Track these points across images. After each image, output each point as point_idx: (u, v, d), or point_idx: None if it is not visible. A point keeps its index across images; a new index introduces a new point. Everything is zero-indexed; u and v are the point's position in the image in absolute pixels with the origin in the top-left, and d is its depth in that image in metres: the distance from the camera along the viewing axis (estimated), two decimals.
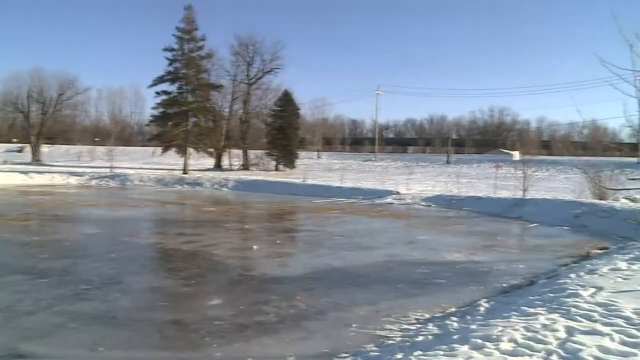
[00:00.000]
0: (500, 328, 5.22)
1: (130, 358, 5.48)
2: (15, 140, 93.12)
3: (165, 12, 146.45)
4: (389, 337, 6.19)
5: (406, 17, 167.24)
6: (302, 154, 60.04)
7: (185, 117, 48.09)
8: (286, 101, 55.74)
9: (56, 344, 5.80)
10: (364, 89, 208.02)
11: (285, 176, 41.35)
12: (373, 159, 72.56)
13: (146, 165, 59.32)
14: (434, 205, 23.14)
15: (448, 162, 63.81)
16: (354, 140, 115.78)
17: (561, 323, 5.21)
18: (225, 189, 32.30)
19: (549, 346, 4.58)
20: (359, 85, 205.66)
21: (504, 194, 24.71)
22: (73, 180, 36.83)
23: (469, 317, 6.63)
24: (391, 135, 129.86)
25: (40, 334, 6.08)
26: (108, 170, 42.80)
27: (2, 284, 8.32)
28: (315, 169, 54.56)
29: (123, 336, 6.04)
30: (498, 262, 11.02)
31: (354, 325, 6.60)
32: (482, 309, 7.06)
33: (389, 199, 25.20)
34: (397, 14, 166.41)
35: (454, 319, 6.67)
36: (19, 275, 8.94)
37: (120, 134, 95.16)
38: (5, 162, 64.00)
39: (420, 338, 5.90)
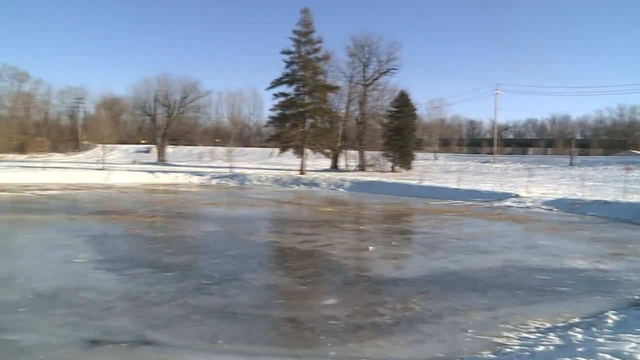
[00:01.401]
0: (634, 344, 4.82)
1: (247, 352, 5.59)
2: (143, 141, 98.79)
3: (282, 16, 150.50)
4: (506, 345, 5.92)
5: (525, 15, 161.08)
6: (418, 155, 59.39)
7: (302, 118, 48.94)
8: (403, 102, 55.29)
9: (179, 334, 6.04)
10: (483, 88, 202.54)
11: (402, 177, 41.05)
12: (491, 160, 70.35)
13: (264, 165, 61.00)
14: (555, 209, 22.09)
15: (571, 164, 60.53)
16: (472, 141, 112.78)
17: None
18: (341, 190, 32.53)
19: None
20: (477, 85, 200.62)
21: (635, 198, 23.14)
22: (195, 179, 38.50)
23: (594, 330, 6.21)
24: (510, 136, 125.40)
25: (165, 324, 6.37)
26: (228, 170, 44.42)
27: (132, 276, 8.81)
28: (431, 170, 53.80)
29: (241, 331, 6.19)
30: (628, 272, 10.26)
31: (470, 330, 6.39)
32: (610, 321, 6.60)
33: (507, 202, 24.37)
34: (517, 13, 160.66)
35: (578, 330, 6.28)
36: (146, 269, 9.44)
37: (240, 135, 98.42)
38: (134, 162, 68.09)
39: (541, 348, 5.60)
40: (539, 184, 34.66)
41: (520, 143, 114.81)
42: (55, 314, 6.68)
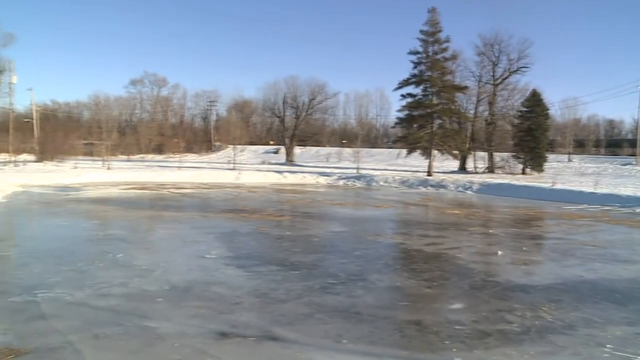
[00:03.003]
0: None
1: (371, 353, 5.60)
2: (271, 142, 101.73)
3: (410, 16, 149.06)
4: None
5: None
6: (551, 156, 56.55)
7: (430, 119, 48.35)
8: (534, 101, 52.90)
9: (304, 331, 6.18)
10: (624, 85, 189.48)
11: (533, 180, 39.35)
12: (633, 162, 65.55)
13: (390, 166, 60.85)
14: None
15: None
16: (611, 142, 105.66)
17: None
18: (469, 192, 31.78)
19: None
20: (616, 82, 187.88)
21: None
22: (322, 180, 39.11)
23: None
24: None
25: (290, 321, 6.53)
26: (354, 171, 44.74)
27: (260, 273, 9.11)
28: (565, 172, 51.10)
29: (365, 331, 6.22)
30: None
31: (608, 345, 5.98)
32: None
33: None
34: None
35: None
36: (274, 266, 9.73)
37: (367, 136, 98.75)
38: (263, 162, 70.36)
39: None
40: None
41: None
42: (189, 305, 7.06)
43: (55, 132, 63.48)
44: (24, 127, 67.07)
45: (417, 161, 57.16)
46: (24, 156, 55.89)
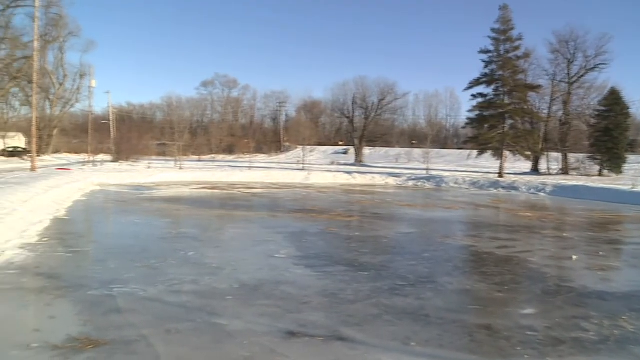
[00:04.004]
0: None
1: (440, 356, 5.51)
2: (341, 143, 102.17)
3: (479, 14, 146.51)
4: None
5: None
6: (631, 157, 54.23)
7: (501, 119, 47.36)
8: (613, 100, 50.88)
9: (372, 332, 6.13)
10: None
11: (611, 182, 37.91)
12: None
13: (460, 167, 60.02)
14: None
15: None
16: None
17: None
18: (542, 194, 30.91)
19: None
20: None
21: None
22: (391, 181, 38.91)
23: None
24: None
25: (359, 322, 6.50)
26: (424, 172, 44.33)
27: (328, 273, 9.12)
28: None
29: (434, 334, 6.12)
30: None
31: None
32: None
33: None
34: None
35: None
36: (342, 267, 9.72)
37: (436, 137, 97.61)
38: (332, 163, 70.68)
39: None
40: None
41: None
42: (258, 304, 7.14)
43: (130, 133, 65.96)
44: (102, 128, 69.97)
45: (488, 162, 56.12)
46: (101, 156, 58.16)
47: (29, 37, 54.52)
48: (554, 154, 55.42)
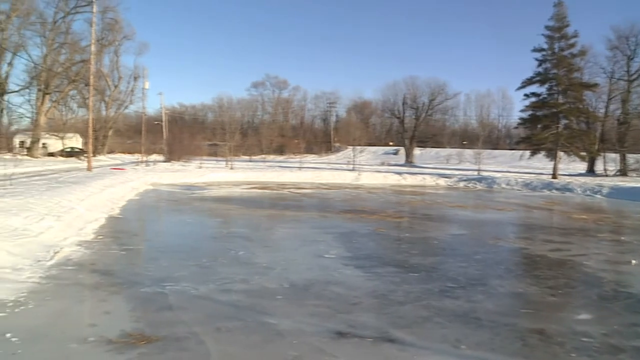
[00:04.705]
0: None
1: None
2: (391, 143, 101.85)
3: (532, 12, 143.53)
4: None
5: None
6: None
7: (555, 119, 46.23)
8: None
9: (422, 335, 6.06)
10: None
11: None
12: None
13: (512, 168, 59.00)
14: None
15: None
16: None
17: None
18: (598, 196, 30.08)
19: None
20: None
21: None
22: (442, 181, 38.57)
23: None
24: None
25: (408, 324, 6.44)
26: (475, 172, 43.77)
27: (378, 274, 9.08)
28: None
29: (485, 338, 6.02)
30: None
31: None
32: None
33: None
34: None
35: None
36: (392, 268, 9.67)
37: (488, 137, 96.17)
38: (382, 164, 70.51)
39: None
40: None
41: None
42: (307, 304, 7.16)
43: (182, 134, 67.24)
44: (154, 129, 71.46)
45: (541, 163, 54.96)
46: (154, 156, 59.45)
47: (86, 42, 56.58)
48: (611, 155, 53.71)
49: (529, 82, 48.18)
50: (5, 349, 5.15)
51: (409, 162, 79.12)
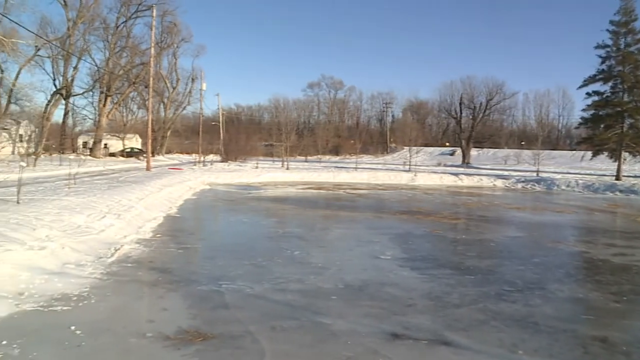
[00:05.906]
0: None
1: None
2: (447, 144, 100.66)
3: (593, 9, 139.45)
4: None
5: None
6: None
7: (619, 118, 44.62)
8: None
9: (477, 338, 5.96)
10: None
11: None
12: None
13: (573, 170, 57.44)
14: None
15: None
16: None
17: None
18: None
19: None
20: None
21: None
22: (499, 183, 37.90)
23: None
24: None
25: (464, 327, 6.34)
26: (534, 174, 42.81)
27: (434, 276, 8.99)
28: None
29: (543, 343, 5.86)
30: None
31: None
32: None
33: None
34: None
35: None
36: (448, 270, 9.55)
37: (547, 138, 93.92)
38: (438, 164, 69.81)
39: None
40: None
41: None
42: (362, 304, 7.14)
43: (238, 134, 68.23)
44: (211, 129, 72.73)
45: (604, 164, 53.30)
46: (211, 156, 60.38)
47: (146, 45, 58.07)
48: None
49: (591, 80, 46.67)
50: (71, 341, 5.33)
51: (465, 162, 77.98)
